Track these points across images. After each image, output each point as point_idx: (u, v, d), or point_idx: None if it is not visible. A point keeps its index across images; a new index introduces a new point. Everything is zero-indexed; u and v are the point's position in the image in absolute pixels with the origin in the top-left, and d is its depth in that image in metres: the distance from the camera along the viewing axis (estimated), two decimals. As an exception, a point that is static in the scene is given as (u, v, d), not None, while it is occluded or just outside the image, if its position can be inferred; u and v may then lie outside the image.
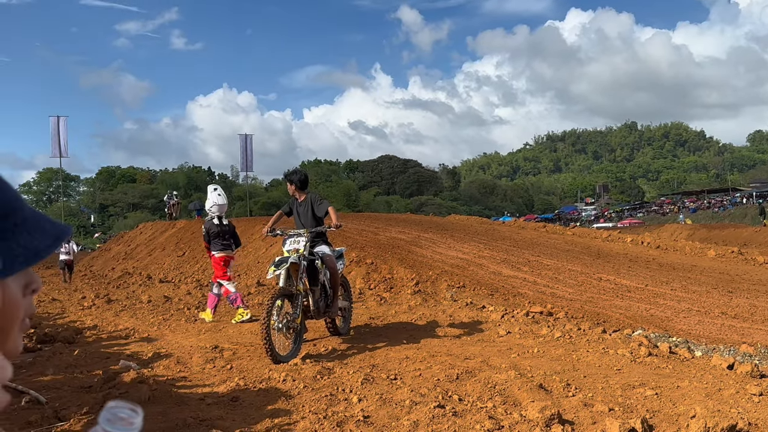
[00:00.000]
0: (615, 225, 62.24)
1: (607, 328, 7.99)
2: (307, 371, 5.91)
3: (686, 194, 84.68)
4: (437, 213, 53.90)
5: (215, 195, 8.32)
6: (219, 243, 8.14)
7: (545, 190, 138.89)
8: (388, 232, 18.16)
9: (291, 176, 7.59)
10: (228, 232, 8.14)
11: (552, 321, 8.47)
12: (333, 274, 7.19)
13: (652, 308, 9.82)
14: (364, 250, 13.77)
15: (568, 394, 5.05)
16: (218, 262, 8.21)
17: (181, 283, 15.53)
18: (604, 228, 40.62)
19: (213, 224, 8.14)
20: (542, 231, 23.12)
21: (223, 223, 8.18)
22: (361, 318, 9.01)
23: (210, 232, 8.18)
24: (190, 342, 7.85)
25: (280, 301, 6.56)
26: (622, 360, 6.22)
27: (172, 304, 11.46)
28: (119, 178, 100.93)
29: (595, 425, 4.27)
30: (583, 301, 10.31)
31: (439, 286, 11.22)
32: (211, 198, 8.25)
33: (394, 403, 4.96)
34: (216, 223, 8.16)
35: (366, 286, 11.62)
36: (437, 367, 6.03)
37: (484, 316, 8.90)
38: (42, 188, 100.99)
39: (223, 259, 8.18)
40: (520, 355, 6.59)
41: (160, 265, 20.06)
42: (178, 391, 5.53)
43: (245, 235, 18.37)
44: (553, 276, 12.58)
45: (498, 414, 4.59)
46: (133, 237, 28.81)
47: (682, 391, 5.00)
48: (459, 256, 14.63)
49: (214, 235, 8.12)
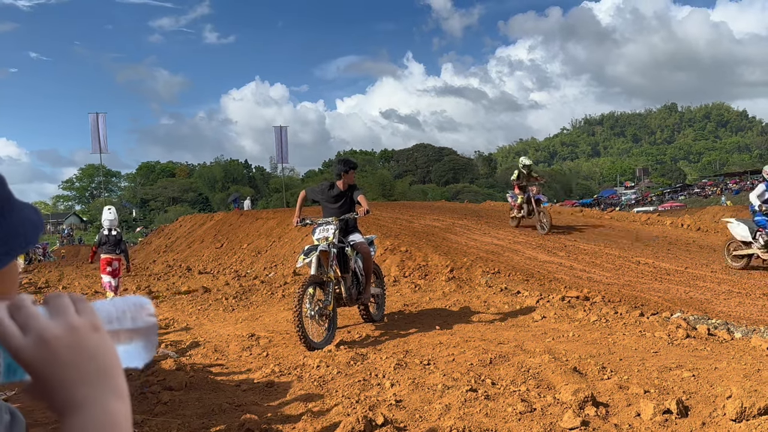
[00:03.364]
0: (656, 209, 60.98)
1: (645, 311, 7.86)
2: (341, 357, 5.96)
3: (729, 176, 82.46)
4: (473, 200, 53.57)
5: (106, 212, 10.65)
6: (105, 248, 10.21)
7: (584, 174, 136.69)
8: (423, 220, 18.12)
9: (351, 163, 7.47)
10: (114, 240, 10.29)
11: (588, 305, 8.37)
12: (366, 260, 7.21)
13: (691, 291, 9.62)
14: (399, 238, 13.77)
15: (603, 377, 5.00)
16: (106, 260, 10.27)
17: (220, 274, 15.78)
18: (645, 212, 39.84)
19: (103, 234, 10.32)
20: (579, 215, 22.80)
21: (112, 234, 10.26)
22: (395, 305, 9.03)
23: (101, 239, 10.35)
24: (227, 331, 7.99)
25: (311, 288, 6.61)
26: (659, 343, 6.12)
27: (211, 295, 11.66)
28: (159, 173, 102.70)
29: (629, 407, 4.22)
30: (621, 285, 10.15)
31: (474, 273, 11.16)
32: (103, 215, 10.69)
33: (427, 388, 4.98)
34: (105, 233, 10.27)
35: (400, 273, 11.63)
36: (470, 351, 6.02)
37: (518, 301, 8.84)
38: (84, 184, 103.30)
39: (108, 260, 10.22)
40: (555, 339, 6.54)
41: (199, 257, 20.40)
42: (214, 378, 5.64)
43: (282, 225, 18.57)
44: (590, 260, 12.40)
45: (531, 397, 4.56)
46: (173, 230, 29.35)
47: (719, 373, 4.90)
48: (494, 242, 14.53)
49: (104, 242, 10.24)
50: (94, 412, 0.64)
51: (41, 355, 0.64)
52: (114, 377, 0.67)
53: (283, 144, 34.75)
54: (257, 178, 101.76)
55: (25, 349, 0.64)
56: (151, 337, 0.73)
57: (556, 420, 4.08)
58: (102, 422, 0.64)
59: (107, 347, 0.67)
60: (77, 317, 0.66)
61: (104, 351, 0.67)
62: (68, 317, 0.66)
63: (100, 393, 0.65)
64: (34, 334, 0.64)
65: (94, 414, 0.64)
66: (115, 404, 0.65)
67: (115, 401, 0.66)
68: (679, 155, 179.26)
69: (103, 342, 0.67)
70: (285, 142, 34.99)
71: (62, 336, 0.64)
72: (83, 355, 0.65)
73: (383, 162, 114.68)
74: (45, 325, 0.64)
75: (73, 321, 0.65)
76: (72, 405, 0.65)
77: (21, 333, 0.64)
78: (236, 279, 13.95)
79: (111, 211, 10.77)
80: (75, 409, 0.64)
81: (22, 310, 0.65)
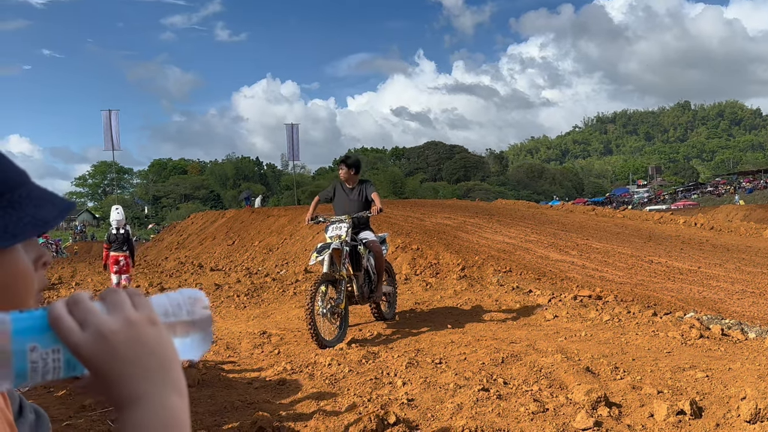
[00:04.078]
0: (668, 207, 60.60)
1: (658, 311, 7.81)
2: (353, 355, 5.96)
3: (742, 174, 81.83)
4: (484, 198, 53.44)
5: (114, 212, 10.91)
6: (114, 246, 10.46)
7: (596, 173, 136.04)
8: (434, 218, 18.10)
9: (347, 160, 7.55)
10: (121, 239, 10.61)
11: (601, 304, 8.33)
12: (378, 259, 7.21)
13: (704, 290, 9.55)
14: (410, 236, 13.77)
15: (616, 377, 4.97)
16: (113, 259, 10.58)
17: (232, 271, 15.84)
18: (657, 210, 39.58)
19: (111, 233, 10.64)
20: (591, 214, 22.70)
21: (120, 232, 10.57)
22: (406, 303, 9.03)
23: (110, 237, 10.65)
24: (239, 328, 8.01)
25: (323, 286, 6.62)
26: (672, 343, 6.08)
27: (223, 292, 11.70)
28: (171, 170, 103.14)
29: (643, 408, 4.20)
30: (634, 285, 10.09)
31: (485, 271, 11.14)
32: (111, 215, 10.97)
33: (439, 387, 4.97)
34: (114, 232, 10.58)
35: (412, 271, 11.62)
36: (482, 351, 6.01)
37: (530, 300, 8.81)
38: (97, 181, 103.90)
39: (115, 258, 10.52)
40: (568, 338, 6.51)
41: (211, 254, 20.49)
42: (226, 375, 5.66)
43: (293, 223, 18.62)
44: (602, 259, 12.35)
45: (543, 397, 4.55)
46: (185, 227, 29.49)
47: (733, 373, 4.87)
48: (505, 240, 14.50)
49: (112, 240, 10.54)
50: (154, 407, 0.64)
51: (100, 350, 0.64)
52: (172, 371, 0.66)
53: (294, 141, 34.76)
54: (269, 175, 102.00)
55: (84, 344, 0.63)
56: (207, 329, 0.73)
57: (569, 420, 4.07)
58: (161, 417, 0.64)
59: (165, 341, 0.67)
60: (134, 312, 0.66)
61: (163, 345, 0.66)
62: (126, 312, 0.66)
63: (159, 388, 0.65)
64: (92, 329, 0.64)
65: (153, 409, 0.64)
66: (174, 399, 0.65)
67: (175, 396, 0.65)
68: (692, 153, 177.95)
69: (161, 336, 0.67)
70: (296, 140, 35.00)
71: (120, 331, 0.64)
72: (142, 349, 0.65)
73: (394, 160, 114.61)
74: (103, 320, 0.64)
75: (130, 315, 0.65)
76: (131, 400, 0.64)
77: (79, 328, 0.64)
78: (248, 276, 14.00)
79: (118, 210, 11.04)
80: (134, 404, 0.64)
81: (80, 306, 0.65)
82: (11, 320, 0.64)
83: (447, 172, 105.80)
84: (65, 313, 0.64)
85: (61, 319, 0.64)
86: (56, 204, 0.77)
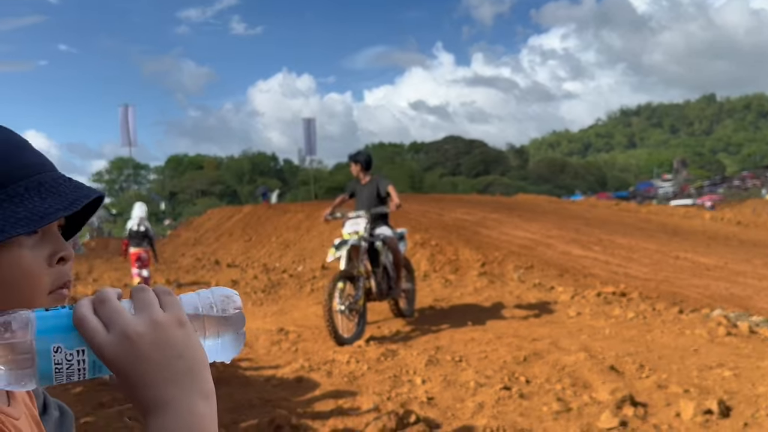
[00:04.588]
0: (694, 202, 59.76)
1: (684, 308, 7.64)
2: (371, 353, 5.89)
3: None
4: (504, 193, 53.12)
5: (137, 209, 11.01)
6: (134, 242, 10.51)
7: (619, 167, 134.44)
8: (453, 213, 17.98)
9: (356, 156, 7.56)
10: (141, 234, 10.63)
11: (625, 301, 8.17)
12: (395, 255, 7.13)
13: (731, 287, 9.34)
14: (429, 232, 13.66)
15: (641, 376, 4.84)
16: (132, 255, 10.65)
17: (248, 267, 15.84)
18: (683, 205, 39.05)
19: (132, 229, 10.65)
20: (615, 209, 22.42)
21: (141, 229, 10.55)
22: (425, 300, 8.93)
23: (130, 233, 10.71)
24: (256, 325, 7.98)
25: (341, 283, 6.55)
26: (699, 340, 5.92)
27: (239, 288, 11.69)
28: (187, 166, 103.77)
29: (669, 407, 4.07)
30: (659, 281, 9.90)
31: (506, 267, 11.01)
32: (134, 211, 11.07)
33: (459, 385, 4.88)
34: (135, 229, 10.56)
35: (431, 268, 11.52)
36: (503, 348, 5.90)
37: (553, 297, 8.67)
38: (113, 177, 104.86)
39: (137, 254, 10.59)
40: (591, 336, 6.37)
41: (227, 250, 20.52)
42: (244, 373, 5.62)
43: (310, 219, 18.59)
44: (626, 255, 12.15)
45: (566, 396, 4.44)
46: (201, 223, 29.61)
47: (762, 372, 4.71)
48: (527, 236, 14.33)
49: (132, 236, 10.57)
50: (180, 413, 0.61)
51: (124, 352, 0.61)
52: (200, 376, 0.64)
53: (311, 136, 34.70)
54: (285, 170, 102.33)
55: (108, 346, 0.61)
56: (239, 330, 0.70)
57: (593, 420, 3.96)
58: (188, 424, 0.61)
59: (194, 344, 0.64)
60: (161, 312, 0.63)
61: (191, 348, 0.64)
62: (152, 312, 0.63)
63: (186, 393, 0.62)
64: (117, 330, 0.61)
65: (179, 415, 0.61)
66: (201, 405, 0.62)
67: (202, 402, 0.63)
68: (719, 147, 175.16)
69: (189, 338, 0.64)
70: (313, 134, 34.92)
71: (146, 333, 0.62)
72: (168, 352, 0.62)
73: (412, 154, 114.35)
74: (128, 320, 0.62)
75: (157, 316, 0.63)
76: (156, 405, 0.62)
77: (105, 329, 0.62)
78: (265, 272, 13.98)
79: (142, 207, 11.15)
80: (159, 409, 0.61)
81: (106, 305, 0.63)
82: (35, 318, 0.62)
83: (466, 166, 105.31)
84: (90, 312, 0.63)
85: (85, 320, 0.62)
86: (65, 196, 0.73)
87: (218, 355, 0.70)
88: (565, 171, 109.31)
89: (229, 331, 0.69)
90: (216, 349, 0.69)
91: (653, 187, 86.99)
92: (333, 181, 70.95)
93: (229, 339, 0.70)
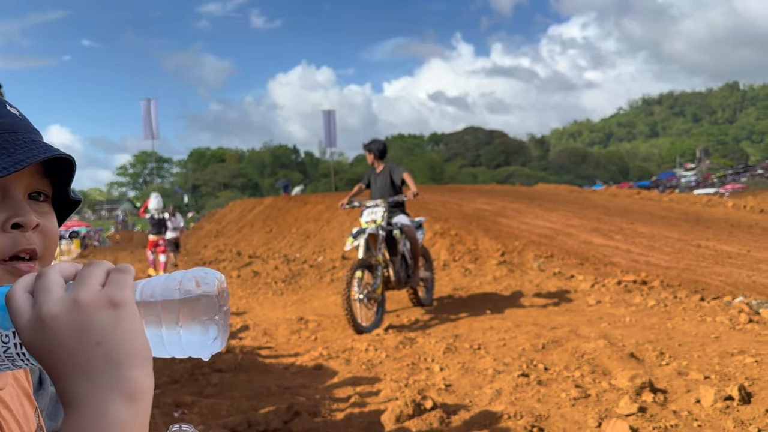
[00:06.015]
0: (717, 191, 58.88)
1: (706, 295, 7.55)
2: (390, 341, 5.91)
3: (796, 155, 78.84)
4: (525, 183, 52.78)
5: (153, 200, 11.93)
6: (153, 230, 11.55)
7: (641, 156, 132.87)
8: (473, 203, 17.91)
9: (370, 145, 7.58)
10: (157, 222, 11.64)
11: (646, 290, 8.09)
12: (413, 244, 7.13)
13: (754, 274, 9.20)
14: (449, 222, 13.63)
15: (661, 363, 4.80)
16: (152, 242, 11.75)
17: (269, 258, 15.94)
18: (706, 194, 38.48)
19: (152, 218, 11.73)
20: (636, 198, 22.18)
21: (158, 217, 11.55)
22: (444, 289, 8.93)
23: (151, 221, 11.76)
24: (276, 314, 8.04)
25: (360, 272, 6.57)
26: (720, 328, 5.85)
27: (260, 279, 11.77)
28: (209, 159, 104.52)
29: (689, 393, 4.03)
30: (680, 269, 9.79)
31: (526, 257, 10.95)
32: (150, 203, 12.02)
33: (477, 372, 4.88)
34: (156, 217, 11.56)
35: (450, 257, 11.50)
36: (522, 336, 5.88)
37: (572, 285, 8.62)
38: (137, 170, 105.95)
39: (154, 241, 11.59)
40: (611, 324, 6.33)
41: (249, 242, 20.67)
42: (263, 361, 5.67)
43: (330, 210, 18.63)
44: (647, 244, 12.02)
45: (585, 383, 4.41)
46: (223, 215, 29.87)
47: (786, 359, 4.64)
48: (547, 225, 14.24)
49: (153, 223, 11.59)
50: (90, 414, 0.51)
51: (37, 337, 0.52)
52: (124, 370, 0.52)
53: (331, 128, 34.80)
54: (306, 162, 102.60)
55: (23, 329, 0.53)
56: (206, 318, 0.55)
57: (612, 406, 3.93)
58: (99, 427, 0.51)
59: (124, 330, 0.52)
60: (91, 291, 0.52)
61: (117, 334, 0.52)
62: (79, 290, 0.53)
63: (100, 390, 0.51)
64: (35, 311, 0.52)
65: (87, 417, 0.51)
66: (119, 407, 0.51)
67: (122, 403, 0.51)
68: (742, 135, 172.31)
69: (119, 323, 0.52)
70: (333, 127, 35.05)
71: (60, 314, 0.52)
72: (85, 338, 0.51)
73: (432, 146, 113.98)
74: (47, 300, 0.52)
75: (80, 296, 0.52)
76: (67, 401, 0.52)
77: (31, 309, 0.53)
78: (285, 263, 14.06)
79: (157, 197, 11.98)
80: (70, 407, 0.52)
81: (39, 280, 0.54)
82: None
83: (486, 157, 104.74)
84: (22, 290, 0.54)
85: (13, 297, 0.54)
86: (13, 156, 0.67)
87: (182, 349, 0.56)
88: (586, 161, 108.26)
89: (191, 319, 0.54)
90: (176, 340, 0.55)
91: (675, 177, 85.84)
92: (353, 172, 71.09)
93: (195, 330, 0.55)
